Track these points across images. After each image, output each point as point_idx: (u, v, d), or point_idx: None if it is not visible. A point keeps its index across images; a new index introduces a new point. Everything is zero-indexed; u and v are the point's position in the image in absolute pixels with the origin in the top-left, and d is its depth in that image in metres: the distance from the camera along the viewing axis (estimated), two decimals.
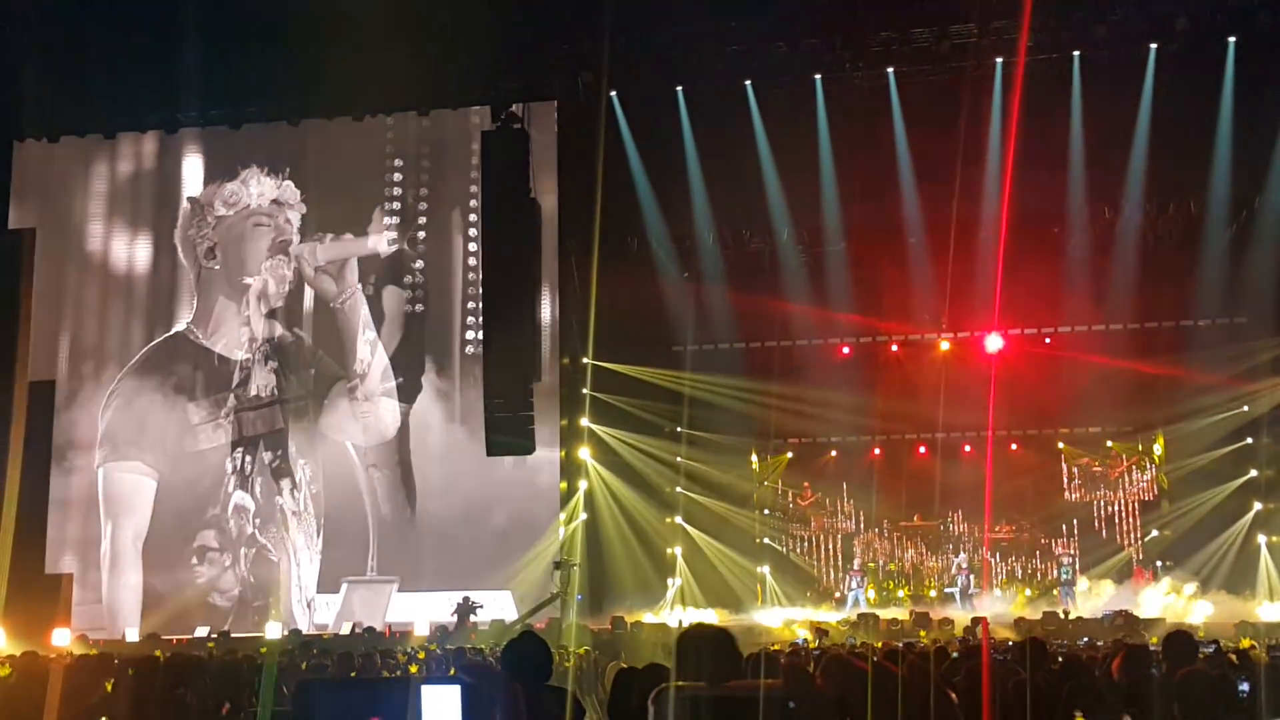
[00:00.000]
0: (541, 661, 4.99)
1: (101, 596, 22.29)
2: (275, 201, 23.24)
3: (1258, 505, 22.13)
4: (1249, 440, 22.23)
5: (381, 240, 23.06)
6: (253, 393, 22.92)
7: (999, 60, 20.99)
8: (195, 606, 21.85)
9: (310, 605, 21.93)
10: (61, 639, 18.82)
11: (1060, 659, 7.56)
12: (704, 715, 1.50)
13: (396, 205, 23.09)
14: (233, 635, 20.11)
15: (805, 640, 16.66)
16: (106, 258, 23.59)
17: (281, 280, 23.10)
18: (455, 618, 20.40)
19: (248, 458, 22.65)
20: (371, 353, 22.76)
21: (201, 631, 20.58)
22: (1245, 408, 21.91)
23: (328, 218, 23.22)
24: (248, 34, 21.26)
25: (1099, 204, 22.09)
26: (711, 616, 21.16)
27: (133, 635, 20.64)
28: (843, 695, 1.34)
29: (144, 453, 22.77)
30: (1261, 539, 21.86)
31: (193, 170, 23.67)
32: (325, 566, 22.15)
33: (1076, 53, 20.69)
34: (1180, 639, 6.78)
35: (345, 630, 20.41)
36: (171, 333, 23.18)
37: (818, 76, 21.54)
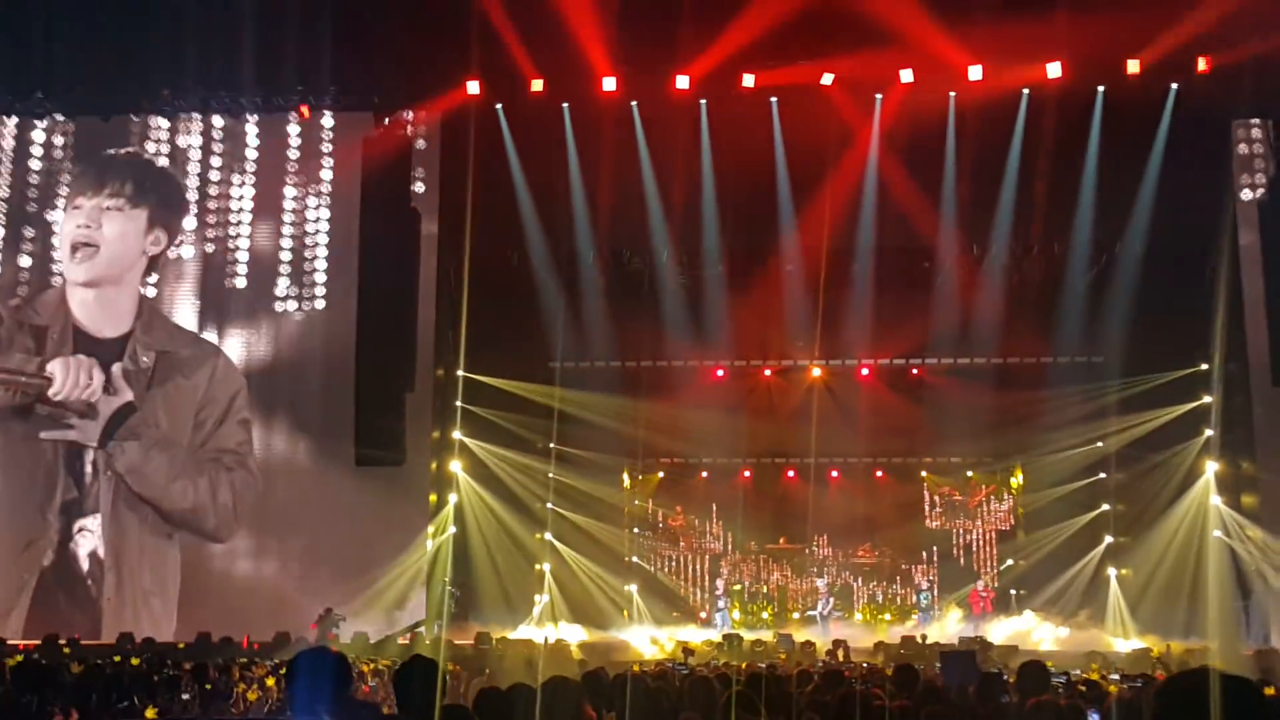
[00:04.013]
0: (430, 685, 4.93)
1: None
2: (153, 193, 22.66)
3: (1109, 538, 22.92)
4: (1102, 475, 23.03)
5: (260, 238, 22.62)
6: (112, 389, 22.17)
7: (878, 96, 21.47)
8: (42, 609, 21.05)
9: (166, 613, 21.28)
10: None
11: (919, 685, 7.72)
12: None
13: (270, 204, 22.66)
14: (84, 643, 19.41)
15: (672, 660, 16.72)
16: None
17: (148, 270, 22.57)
18: (316, 630, 20.02)
19: (96, 458, 21.81)
20: (245, 352, 22.34)
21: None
22: (1100, 444, 22.69)
23: (205, 212, 22.72)
24: (128, 23, 20.79)
25: (968, 241, 22.73)
26: (579, 633, 21.15)
27: None
28: None
29: None
30: (1111, 571, 22.65)
31: (65, 160, 23.00)
32: (184, 573, 21.55)
33: (952, 93, 21.26)
34: (1034, 669, 6.99)
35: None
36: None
37: (703, 101, 21.75)
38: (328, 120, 22.67)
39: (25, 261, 22.90)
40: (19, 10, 20.76)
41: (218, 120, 22.87)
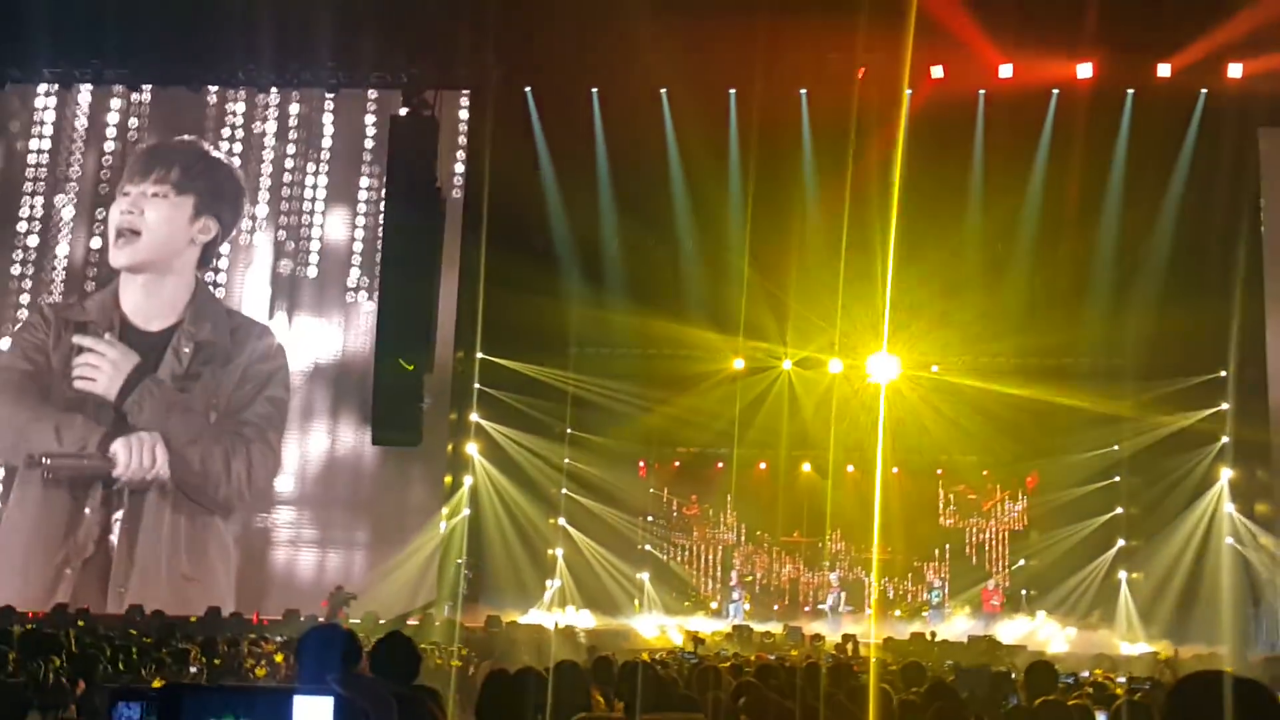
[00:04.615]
0: (408, 660, 4.99)
1: None
2: (201, 180, 22.72)
3: (1121, 541, 22.86)
4: (1117, 478, 22.97)
5: (280, 217, 22.68)
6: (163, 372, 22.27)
7: (908, 91, 21.38)
8: (56, 581, 21.19)
9: (176, 586, 21.37)
10: None
11: (927, 680, 7.73)
12: None
13: (295, 182, 22.71)
14: (94, 614, 19.51)
15: (683, 649, 16.77)
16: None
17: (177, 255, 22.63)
18: (327, 608, 20.11)
19: (123, 426, 21.92)
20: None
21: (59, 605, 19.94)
22: (1116, 447, 22.61)
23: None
24: None
25: (991, 239, 22.62)
26: (589, 619, 21.20)
27: None
28: None
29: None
30: (1123, 575, 22.59)
31: (97, 131, 23.07)
32: (196, 547, 21.64)
33: (981, 90, 21.18)
34: (1041, 669, 6.98)
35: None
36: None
37: (732, 91, 21.71)
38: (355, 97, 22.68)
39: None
40: None
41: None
